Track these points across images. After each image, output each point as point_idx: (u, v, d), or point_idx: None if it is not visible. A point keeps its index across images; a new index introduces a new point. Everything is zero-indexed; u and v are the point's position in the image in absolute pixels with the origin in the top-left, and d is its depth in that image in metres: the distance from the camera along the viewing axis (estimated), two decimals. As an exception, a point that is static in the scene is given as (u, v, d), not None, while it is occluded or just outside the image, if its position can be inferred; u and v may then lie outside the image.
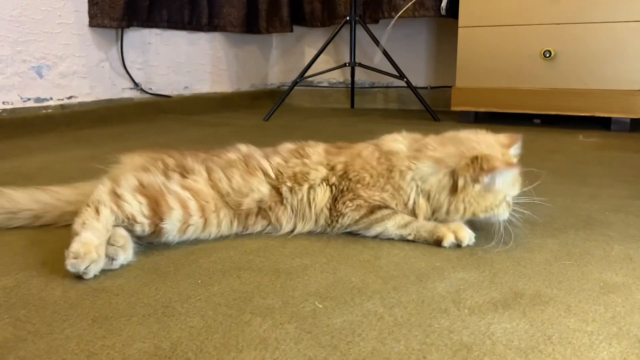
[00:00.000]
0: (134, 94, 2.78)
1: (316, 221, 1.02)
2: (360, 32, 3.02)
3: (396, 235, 0.99)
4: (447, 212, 0.99)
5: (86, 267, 0.81)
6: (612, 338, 0.66)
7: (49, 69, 2.38)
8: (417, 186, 1.00)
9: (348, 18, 2.93)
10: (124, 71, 2.70)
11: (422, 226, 0.99)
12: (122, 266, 0.88)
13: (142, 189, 0.94)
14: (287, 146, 1.09)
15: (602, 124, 2.41)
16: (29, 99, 2.31)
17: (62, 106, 2.43)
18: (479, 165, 0.94)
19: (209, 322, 0.70)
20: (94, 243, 0.84)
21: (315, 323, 0.69)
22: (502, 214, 0.99)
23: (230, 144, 1.14)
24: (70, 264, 0.81)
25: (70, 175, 1.52)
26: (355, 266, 0.88)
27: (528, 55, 2.41)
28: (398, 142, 1.05)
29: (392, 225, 0.99)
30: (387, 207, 1.01)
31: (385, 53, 2.89)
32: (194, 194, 0.97)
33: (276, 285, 0.81)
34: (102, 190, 0.93)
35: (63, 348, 0.64)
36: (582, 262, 0.89)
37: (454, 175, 0.96)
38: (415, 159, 1.00)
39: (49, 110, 2.37)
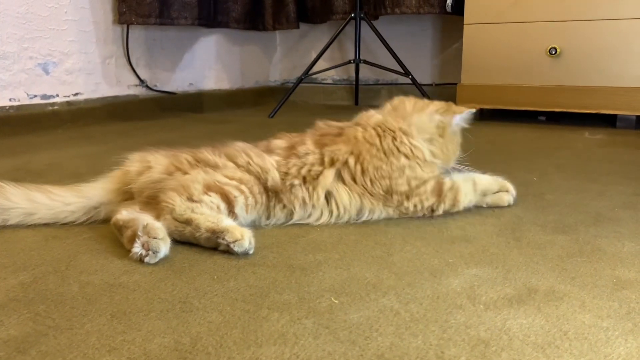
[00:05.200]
0: (139, 91, 2.79)
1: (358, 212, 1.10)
2: (364, 28, 3.02)
3: (474, 203, 1.16)
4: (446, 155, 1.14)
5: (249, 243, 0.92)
6: (627, 334, 0.66)
7: (55, 66, 2.38)
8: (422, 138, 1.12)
9: (353, 15, 2.93)
10: (129, 68, 2.71)
11: (484, 183, 1.17)
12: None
13: (207, 189, 1.01)
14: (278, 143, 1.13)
15: (608, 121, 2.41)
16: (35, 96, 2.32)
17: (68, 103, 2.43)
18: (452, 110, 1.14)
19: (227, 317, 0.71)
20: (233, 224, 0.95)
21: (332, 318, 0.70)
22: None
23: (226, 143, 1.16)
24: (238, 247, 0.91)
25: (78, 171, 1.53)
26: (369, 262, 0.89)
27: (534, 52, 2.41)
28: (377, 114, 1.16)
29: (468, 197, 1.14)
30: (436, 178, 1.11)
31: (391, 50, 2.89)
32: (240, 181, 1.04)
33: (291, 280, 0.82)
34: (179, 203, 0.98)
35: (84, 343, 0.65)
36: (594, 258, 0.90)
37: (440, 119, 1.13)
38: (408, 116, 1.13)
39: (55, 107, 2.38)
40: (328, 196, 1.07)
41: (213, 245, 0.93)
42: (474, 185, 1.15)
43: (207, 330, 0.67)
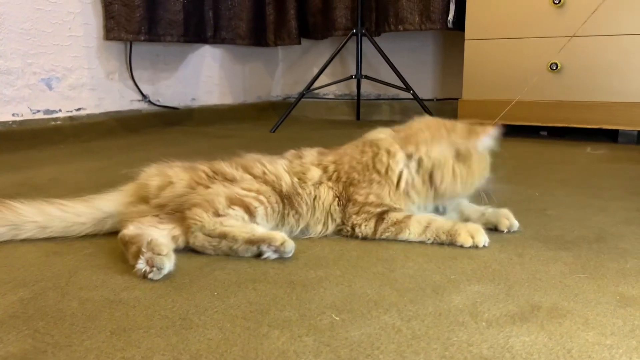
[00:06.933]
0: (142, 106, 2.80)
1: (325, 222, 1.11)
2: (365, 44, 3.04)
3: (418, 241, 1.06)
4: (447, 188, 1.08)
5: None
6: (632, 352, 0.65)
7: (59, 81, 2.40)
8: (410, 167, 1.09)
9: (355, 31, 2.95)
10: (132, 83, 2.72)
11: (441, 227, 1.05)
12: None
13: (230, 203, 1.03)
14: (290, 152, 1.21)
15: (609, 136, 2.41)
16: (38, 111, 2.33)
17: (70, 118, 2.45)
18: (475, 131, 1.10)
19: (227, 334, 0.70)
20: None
21: (333, 336, 0.69)
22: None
23: (239, 155, 1.19)
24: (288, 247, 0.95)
25: (80, 186, 1.53)
26: (370, 278, 0.88)
27: (535, 67, 2.42)
28: (381, 132, 1.17)
29: (413, 235, 1.06)
30: (390, 208, 1.08)
31: (392, 66, 2.91)
32: (258, 192, 1.06)
33: (292, 297, 0.81)
34: (207, 219, 1.00)
35: (83, 360, 0.64)
36: (597, 275, 0.89)
37: (455, 146, 1.09)
38: (408, 143, 1.11)
39: (58, 122, 2.39)
40: (316, 191, 1.11)
41: (253, 254, 0.96)
42: (425, 227, 1.06)
43: (207, 347, 0.67)
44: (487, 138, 1.10)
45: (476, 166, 1.09)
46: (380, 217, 1.08)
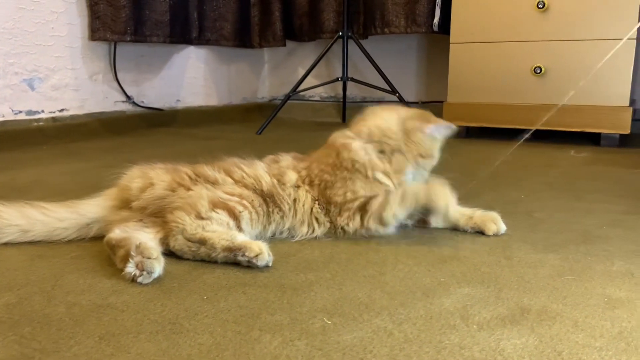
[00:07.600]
0: (126, 107, 2.77)
1: (310, 223, 1.11)
2: (351, 46, 3.04)
3: (402, 212, 1.07)
4: (396, 160, 1.11)
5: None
6: (621, 353, 0.66)
7: (41, 82, 2.36)
8: (367, 149, 1.11)
9: (341, 33, 2.96)
10: (116, 84, 2.69)
11: (415, 192, 1.06)
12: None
13: (213, 205, 1.02)
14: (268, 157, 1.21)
15: (592, 139, 2.44)
16: (20, 112, 2.29)
17: (53, 119, 2.41)
18: (427, 117, 1.13)
19: (218, 339, 0.69)
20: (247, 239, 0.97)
21: (325, 340, 0.69)
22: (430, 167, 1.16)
23: (221, 158, 1.18)
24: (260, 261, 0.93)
25: (64, 188, 1.51)
26: (361, 282, 0.88)
27: (519, 71, 2.45)
28: (339, 132, 1.18)
29: (395, 206, 1.07)
30: (369, 197, 1.09)
31: (378, 69, 2.92)
32: (240, 197, 1.05)
33: (283, 301, 0.81)
34: (189, 222, 0.98)
35: (71, 366, 0.63)
36: (585, 277, 0.90)
37: (404, 124, 1.13)
38: (358, 129, 1.15)
39: (41, 123, 2.35)
40: (295, 194, 1.11)
41: (231, 262, 0.94)
42: (402, 196, 1.07)
43: (198, 352, 0.66)
44: (436, 127, 1.12)
45: (418, 144, 1.11)
46: (364, 209, 1.09)
